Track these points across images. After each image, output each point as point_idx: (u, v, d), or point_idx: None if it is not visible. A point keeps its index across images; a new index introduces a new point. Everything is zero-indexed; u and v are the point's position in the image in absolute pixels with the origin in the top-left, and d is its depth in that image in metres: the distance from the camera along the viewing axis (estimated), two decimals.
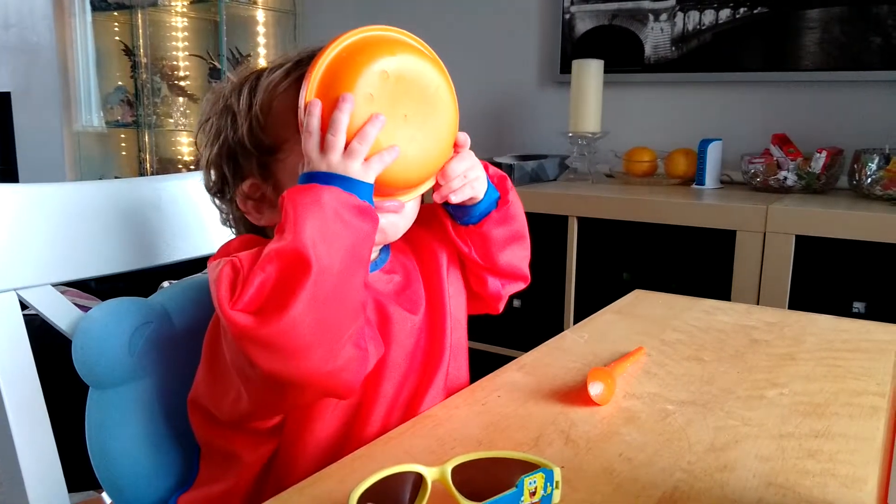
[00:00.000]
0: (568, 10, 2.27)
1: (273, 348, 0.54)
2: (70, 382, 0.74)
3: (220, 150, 0.69)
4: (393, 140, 0.62)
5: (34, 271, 0.71)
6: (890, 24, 1.83)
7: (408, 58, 0.63)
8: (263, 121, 0.66)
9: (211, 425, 0.68)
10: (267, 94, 0.66)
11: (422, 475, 0.47)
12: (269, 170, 0.67)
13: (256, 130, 0.66)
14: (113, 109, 3.28)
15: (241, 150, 0.68)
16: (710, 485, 0.53)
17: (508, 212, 0.75)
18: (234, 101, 0.68)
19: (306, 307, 0.53)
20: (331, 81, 0.60)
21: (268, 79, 0.67)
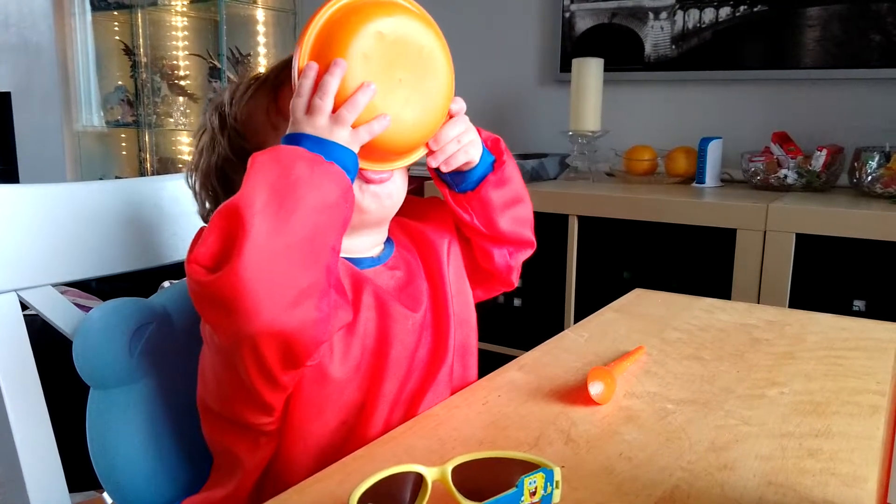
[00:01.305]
0: (568, 8, 2.27)
1: (219, 302, 0.53)
2: (71, 382, 0.74)
3: (206, 176, 0.71)
4: (385, 104, 0.61)
5: (35, 272, 0.71)
6: (889, 22, 1.83)
7: (404, 19, 0.62)
8: (242, 130, 0.68)
9: (214, 424, 0.68)
10: (240, 105, 0.69)
11: (422, 475, 0.47)
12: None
13: (236, 141, 0.68)
14: (113, 109, 3.28)
15: (229, 166, 0.69)
16: (711, 484, 0.53)
17: (504, 173, 0.75)
18: (210, 125, 0.70)
19: (248, 261, 0.52)
20: (325, 42, 0.60)
21: (237, 94, 0.70)
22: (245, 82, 0.70)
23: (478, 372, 0.78)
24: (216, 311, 0.55)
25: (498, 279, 0.81)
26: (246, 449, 0.66)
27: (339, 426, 0.65)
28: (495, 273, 0.80)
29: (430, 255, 0.76)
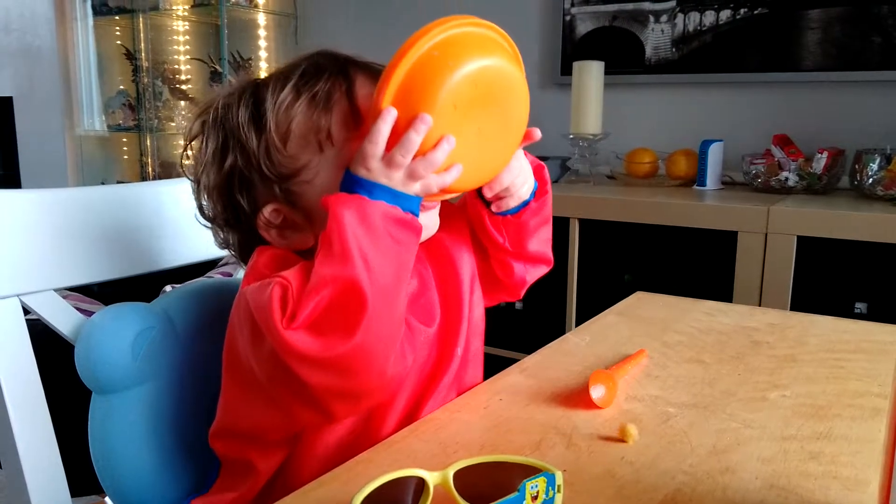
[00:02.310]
0: (568, 11, 2.27)
1: (334, 370, 0.54)
2: (73, 387, 0.74)
3: (227, 179, 0.65)
4: (462, 153, 0.58)
5: (37, 277, 0.71)
6: (890, 24, 1.83)
7: (500, 62, 0.59)
8: (282, 146, 0.62)
9: (231, 442, 0.68)
10: (281, 116, 0.62)
11: (424, 480, 0.47)
12: (292, 193, 0.64)
13: (276, 156, 0.62)
14: (115, 113, 3.28)
15: (259, 178, 0.64)
16: (712, 487, 0.53)
17: (545, 200, 0.75)
18: (236, 123, 0.64)
19: (366, 331, 0.53)
20: (413, 86, 0.55)
21: (276, 97, 0.63)
22: (291, 90, 0.63)
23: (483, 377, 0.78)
24: (321, 373, 0.55)
25: (508, 291, 0.80)
26: (260, 456, 0.66)
27: (347, 434, 0.65)
28: (508, 286, 0.79)
29: (445, 265, 0.75)
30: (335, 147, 0.62)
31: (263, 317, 0.55)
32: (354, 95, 0.62)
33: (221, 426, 0.69)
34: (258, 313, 0.57)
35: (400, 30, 2.72)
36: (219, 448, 0.70)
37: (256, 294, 0.58)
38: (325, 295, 0.54)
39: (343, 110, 0.62)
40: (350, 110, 0.62)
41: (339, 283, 0.53)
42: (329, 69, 0.64)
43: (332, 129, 0.62)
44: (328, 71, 0.63)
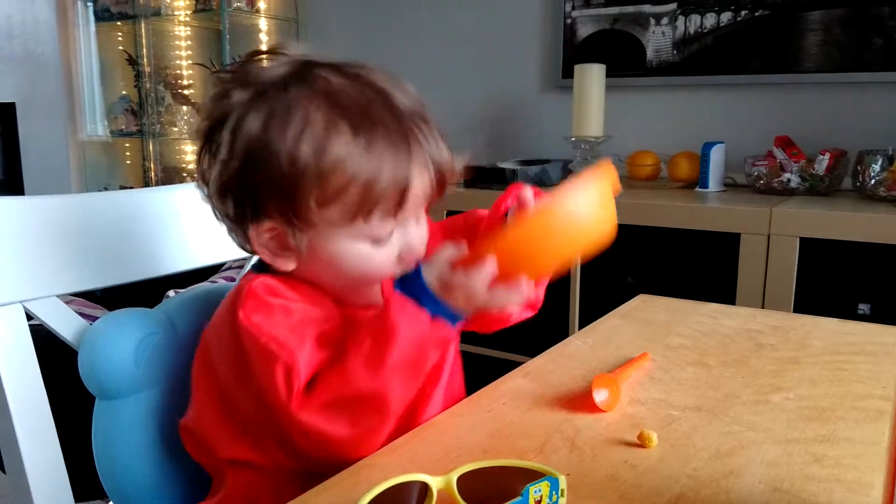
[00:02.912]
0: (569, 14, 2.27)
1: (332, 444, 0.58)
2: (77, 392, 0.74)
3: (241, 179, 0.60)
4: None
5: (40, 283, 0.72)
6: (891, 25, 1.83)
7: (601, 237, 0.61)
8: (326, 180, 0.58)
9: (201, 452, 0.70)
10: (335, 155, 0.58)
11: (427, 484, 0.47)
12: (301, 217, 0.60)
13: (311, 184, 0.58)
14: (117, 119, 3.29)
15: (273, 193, 0.60)
16: (716, 491, 0.53)
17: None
18: (267, 135, 0.59)
19: (376, 431, 0.59)
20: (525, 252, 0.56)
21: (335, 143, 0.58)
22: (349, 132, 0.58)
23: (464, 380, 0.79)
24: (318, 446, 0.59)
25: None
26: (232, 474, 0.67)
27: None
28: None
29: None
30: (367, 225, 0.61)
31: (270, 393, 0.58)
32: (408, 190, 0.60)
33: (193, 433, 0.70)
34: (263, 385, 0.59)
35: (400, 33, 2.70)
36: (190, 449, 0.71)
37: (259, 363, 0.59)
38: (351, 391, 0.56)
39: (392, 199, 0.60)
40: (398, 202, 0.60)
41: (371, 391, 0.56)
42: (395, 137, 0.59)
43: (374, 212, 0.60)
44: (394, 143, 0.59)
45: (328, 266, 0.63)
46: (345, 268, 0.63)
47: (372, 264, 0.63)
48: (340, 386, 0.56)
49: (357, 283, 0.66)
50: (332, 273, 0.64)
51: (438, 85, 2.51)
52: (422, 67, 2.55)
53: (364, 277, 0.65)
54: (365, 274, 0.64)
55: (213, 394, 0.67)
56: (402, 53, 2.61)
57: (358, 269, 0.63)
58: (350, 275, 0.64)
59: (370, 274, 0.64)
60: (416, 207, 0.63)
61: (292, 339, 0.58)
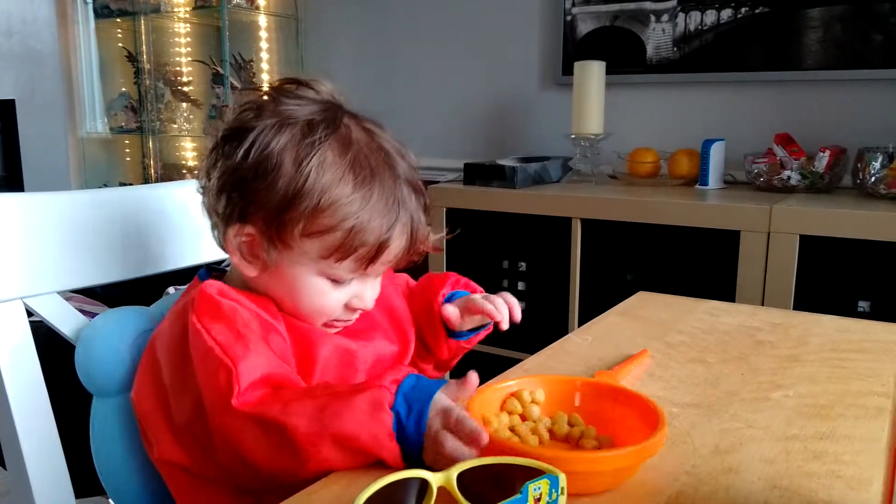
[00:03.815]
0: (569, 11, 2.27)
1: (241, 463, 0.59)
2: (77, 388, 0.74)
3: (244, 184, 0.65)
4: None
5: (40, 279, 0.72)
6: (891, 22, 1.83)
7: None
8: (318, 216, 0.63)
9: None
10: (334, 197, 0.63)
11: (427, 481, 0.47)
12: (282, 238, 0.65)
13: (303, 214, 0.63)
14: (117, 115, 3.29)
15: (267, 206, 0.64)
16: (715, 488, 0.53)
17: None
18: (283, 156, 0.64)
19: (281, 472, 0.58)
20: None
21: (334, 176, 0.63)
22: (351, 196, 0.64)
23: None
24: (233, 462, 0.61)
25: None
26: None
27: None
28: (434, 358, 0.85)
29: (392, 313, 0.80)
30: (337, 268, 0.66)
31: (208, 394, 0.59)
32: (386, 247, 0.66)
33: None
34: (203, 386, 0.60)
35: (400, 31, 2.70)
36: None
37: (203, 364, 0.60)
38: (282, 423, 0.55)
39: (368, 251, 0.65)
40: (373, 255, 0.66)
41: (296, 438, 0.55)
42: (388, 203, 0.65)
43: (348, 258, 0.65)
44: (388, 207, 0.65)
45: (285, 287, 0.68)
46: (299, 294, 0.68)
47: (323, 301, 0.68)
48: (277, 411, 0.56)
49: (304, 311, 0.69)
50: (286, 294, 0.69)
51: (438, 82, 2.51)
52: (422, 64, 2.55)
53: (311, 309, 0.69)
54: (313, 306, 0.69)
55: (154, 394, 0.67)
56: (402, 51, 2.61)
57: (308, 300, 0.68)
58: (301, 302, 0.68)
59: (318, 308, 0.69)
60: (383, 265, 0.68)
61: (238, 346, 0.60)
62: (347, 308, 0.70)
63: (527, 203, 1.86)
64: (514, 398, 0.62)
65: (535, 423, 0.60)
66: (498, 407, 0.61)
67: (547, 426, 0.60)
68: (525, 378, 0.64)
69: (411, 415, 0.55)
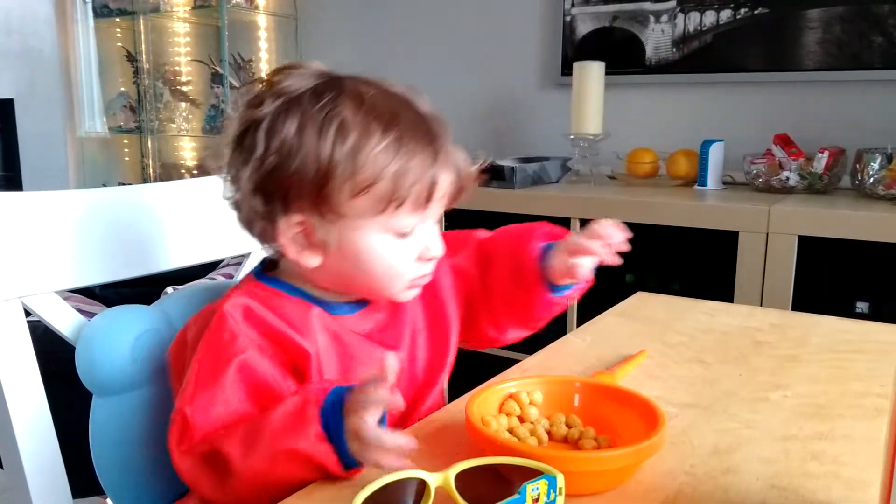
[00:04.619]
0: (569, 12, 2.27)
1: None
2: (74, 388, 0.74)
3: (275, 174, 0.63)
4: None
5: (38, 279, 0.72)
6: (891, 24, 1.83)
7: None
8: (358, 173, 0.61)
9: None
10: (369, 163, 0.61)
11: (425, 481, 0.47)
12: (331, 208, 0.63)
13: (344, 176, 0.61)
14: (116, 115, 3.29)
15: (306, 185, 0.62)
16: (714, 488, 0.53)
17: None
18: (303, 132, 0.62)
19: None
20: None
21: (371, 140, 0.62)
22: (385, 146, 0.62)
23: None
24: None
25: (479, 343, 0.82)
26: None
27: None
28: (485, 341, 0.81)
29: (436, 309, 0.76)
30: (394, 217, 0.64)
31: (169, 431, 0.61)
32: (435, 185, 0.64)
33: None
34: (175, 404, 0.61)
35: (399, 31, 2.70)
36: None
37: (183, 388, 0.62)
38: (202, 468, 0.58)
39: (420, 194, 0.63)
40: (426, 197, 0.64)
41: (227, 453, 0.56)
42: (422, 137, 0.64)
43: (403, 205, 0.63)
44: (422, 141, 0.64)
45: (353, 261, 0.65)
46: (370, 261, 0.65)
47: (394, 260, 0.66)
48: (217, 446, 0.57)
49: (380, 279, 0.67)
50: (356, 269, 0.66)
51: (437, 82, 2.51)
52: (421, 65, 2.55)
53: (386, 272, 0.66)
54: (388, 269, 0.66)
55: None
56: (401, 51, 2.60)
57: (381, 264, 0.65)
58: (373, 270, 0.66)
59: (393, 270, 0.66)
60: (438, 205, 0.66)
61: (205, 400, 0.60)
62: (420, 260, 0.67)
63: (526, 203, 1.86)
64: (512, 400, 0.62)
65: (534, 425, 0.60)
66: (496, 409, 0.61)
67: (545, 427, 0.60)
68: (523, 379, 0.64)
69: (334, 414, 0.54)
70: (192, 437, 0.58)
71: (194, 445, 0.58)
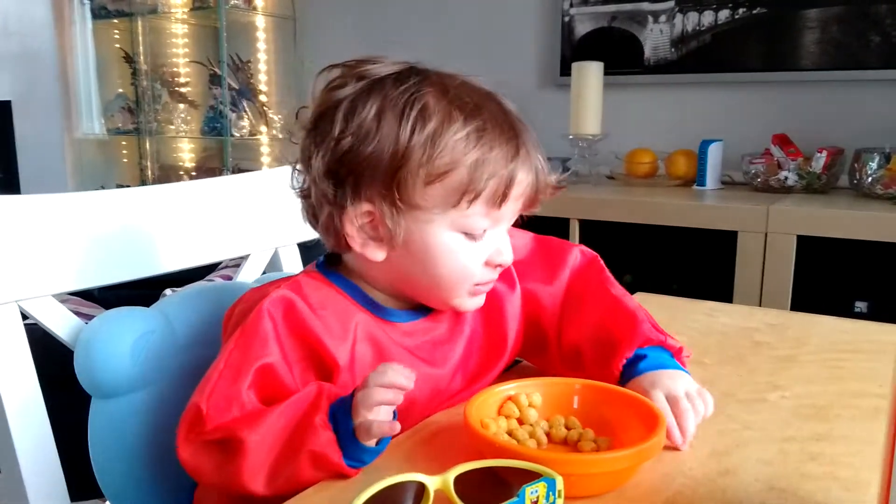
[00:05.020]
0: (567, 12, 2.27)
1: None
2: (72, 391, 0.74)
3: (349, 157, 0.61)
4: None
5: (35, 282, 0.71)
6: (888, 23, 1.83)
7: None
8: (435, 160, 0.59)
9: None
10: (446, 137, 0.59)
11: (424, 484, 0.47)
12: (403, 197, 0.61)
13: (419, 163, 0.59)
14: (114, 117, 3.28)
15: (380, 171, 0.60)
16: (712, 489, 0.53)
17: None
18: (383, 114, 0.60)
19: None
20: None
21: (453, 127, 0.60)
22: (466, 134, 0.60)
23: None
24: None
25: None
26: None
27: None
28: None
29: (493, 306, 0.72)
30: (466, 214, 0.61)
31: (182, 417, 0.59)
32: (513, 183, 0.62)
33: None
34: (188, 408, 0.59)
35: (397, 31, 2.70)
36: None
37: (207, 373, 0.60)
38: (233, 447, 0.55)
39: (496, 190, 0.61)
40: (502, 194, 0.61)
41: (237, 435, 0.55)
42: (505, 131, 0.62)
43: (477, 199, 0.61)
44: (505, 135, 0.62)
45: (419, 258, 0.63)
46: (436, 260, 0.63)
47: (462, 261, 0.63)
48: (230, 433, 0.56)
49: (445, 279, 0.64)
50: (421, 266, 0.64)
51: None
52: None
53: (452, 273, 0.64)
54: (454, 269, 0.63)
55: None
56: (399, 52, 2.60)
57: (448, 263, 0.63)
58: (440, 268, 0.63)
59: (459, 271, 0.64)
60: (514, 207, 0.64)
61: (222, 398, 0.58)
62: (488, 265, 0.65)
63: None
64: (511, 402, 0.61)
65: (533, 427, 0.60)
66: (495, 411, 0.61)
67: (545, 429, 0.60)
68: (522, 381, 0.64)
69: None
70: (202, 429, 0.57)
71: (202, 434, 0.57)
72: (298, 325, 0.62)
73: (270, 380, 0.60)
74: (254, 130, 2.98)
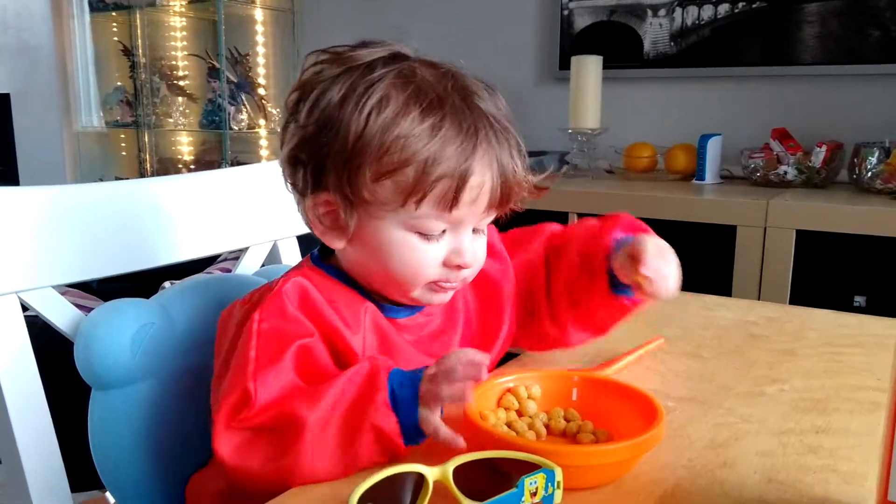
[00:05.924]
0: (566, 6, 2.27)
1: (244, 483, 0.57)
2: (72, 383, 0.74)
3: (311, 146, 0.61)
4: None
5: (35, 274, 0.71)
6: (888, 17, 1.83)
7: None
8: (385, 155, 0.58)
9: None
10: (398, 131, 0.58)
11: (423, 475, 0.47)
12: (355, 191, 0.60)
13: (370, 157, 0.58)
14: (112, 110, 3.28)
15: (335, 162, 0.60)
16: (711, 481, 0.53)
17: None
18: (343, 105, 0.59)
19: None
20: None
21: (396, 111, 0.58)
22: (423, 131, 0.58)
23: None
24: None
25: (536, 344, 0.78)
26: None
27: None
28: (545, 342, 0.77)
29: (489, 292, 0.73)
30: (417, 213, 0.59)
31: (215, 408, 0.57)
32: (465, 183, 0.59)
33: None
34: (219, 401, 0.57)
35: (396, 26, 2.68)
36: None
37: (234, 366, 0.58)
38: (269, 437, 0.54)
39: (447, 189, 0.58)
40: (453, 194, 0.59)
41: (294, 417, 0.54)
42: (463, 131, 0.59)
43: (427, 197, 0.59)
44: (462, 134, 0.59)
45: (371, 252, 0.62)
46: (388, 256, 0.62)
47: (414, 257, 0.61)
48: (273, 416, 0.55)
49: (397, 276, 0.63)
50: (374, 261, 0.63)
51: None
52: None
53: (404, 271, 0.62)
54: (406, 267, 0.62)
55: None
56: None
57: (399, 261, 0.62)
58: (391, 265, 0.62)
59: (411, 268, 0.62)
60: (471, 210, 0.61)
61: (269, 375, 0.56)
62: (447, 266, 0.63)
63: None
64: (510, 394, 0.62)
65: (532, 419, 0.60)
66: (494, 403, 0.61)
67: (544, 421, 0.60)
68: (521, 373, 0.64)
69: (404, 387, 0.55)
70: (251, 410, 0.55)
71: (252, 416, 0.55)
72: (316, 313, 0.61)
73: (310, 359, 0.59)
74: (252, 124, 2.98)
